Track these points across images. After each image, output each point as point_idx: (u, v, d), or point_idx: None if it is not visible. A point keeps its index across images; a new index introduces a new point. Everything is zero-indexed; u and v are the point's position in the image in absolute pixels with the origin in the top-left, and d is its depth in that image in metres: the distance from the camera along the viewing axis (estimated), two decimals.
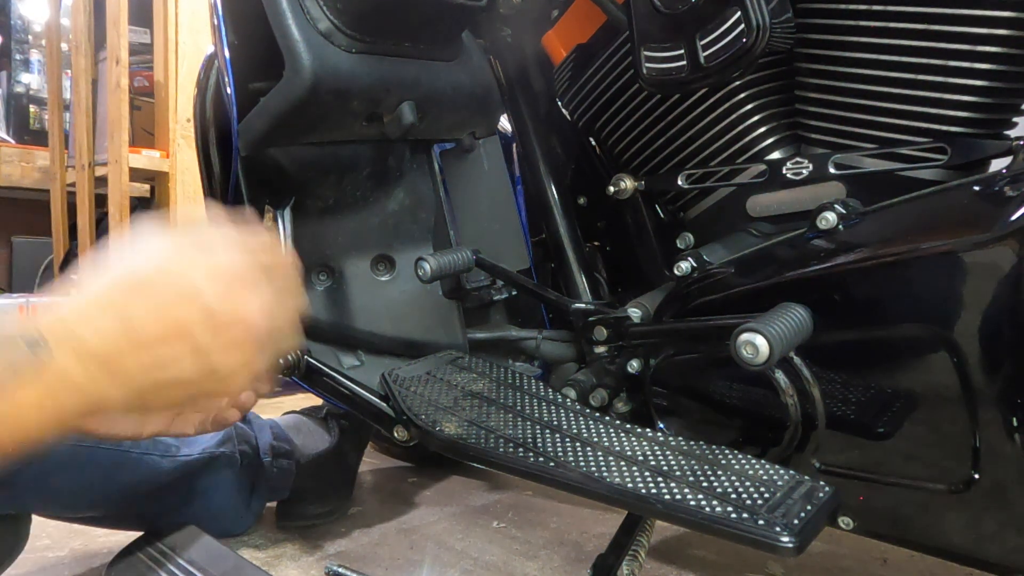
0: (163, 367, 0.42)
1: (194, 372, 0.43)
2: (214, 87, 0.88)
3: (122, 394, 0.42)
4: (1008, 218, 0.51)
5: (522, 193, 1.00)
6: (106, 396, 0.42)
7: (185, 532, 0.80)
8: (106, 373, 0.41)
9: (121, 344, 0.41)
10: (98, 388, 0.41)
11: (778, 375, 0.65)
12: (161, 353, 0.42)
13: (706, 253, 0.72)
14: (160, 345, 0.42)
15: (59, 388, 0.40)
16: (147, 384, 0.43)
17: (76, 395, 0.41)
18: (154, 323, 0.42)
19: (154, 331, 0.42)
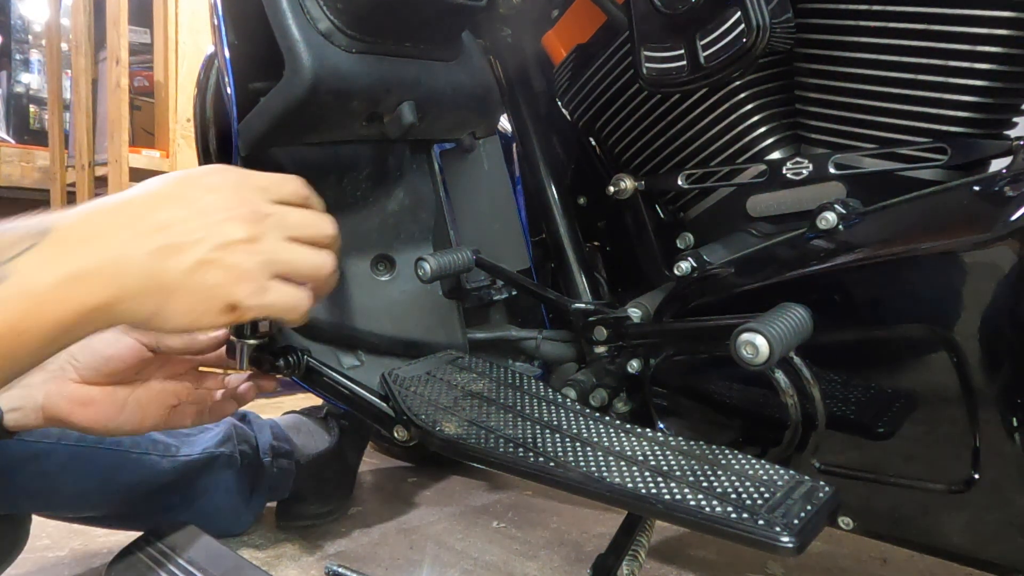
0: (165, 233, 0.45)
1: (191, 238, 0.46)
2: (214, 87, 0.89)
3: (140, 260, 0.44)
4: (1008, 218, 0.51)
5: (522, 193, 1.00)
6: (127, 263, 0.43)
7: (185, 532, 0.80)
8: (120, 242, 0.43)
9: (128, 221, 0.44)
10: (117, 256, 0.43)
11: (778, 375, 0.65)
12: (161, 221, 0.45)
13: (706, 253, 0.72)
14: (159, 215, 0.46)
15: (71, 258, 0.42)
16: (157, 247, 0.45)
17: (95, 263, 0.42)
18: (153, 204, 0.46)
19: (153, 209, 0.46)
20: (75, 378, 0.63)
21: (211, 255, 0.47)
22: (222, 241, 0.47)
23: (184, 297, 0.46)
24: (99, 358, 0.64)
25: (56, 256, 0.41)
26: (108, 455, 0.81)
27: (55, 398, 0.62)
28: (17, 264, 0.40)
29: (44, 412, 0.62)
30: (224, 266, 0.48)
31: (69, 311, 0.41)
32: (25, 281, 0.40)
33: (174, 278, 0.45)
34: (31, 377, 0.63)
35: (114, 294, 0.43)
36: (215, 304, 0.48)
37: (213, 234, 0.47)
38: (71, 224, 0.43)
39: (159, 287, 0.45)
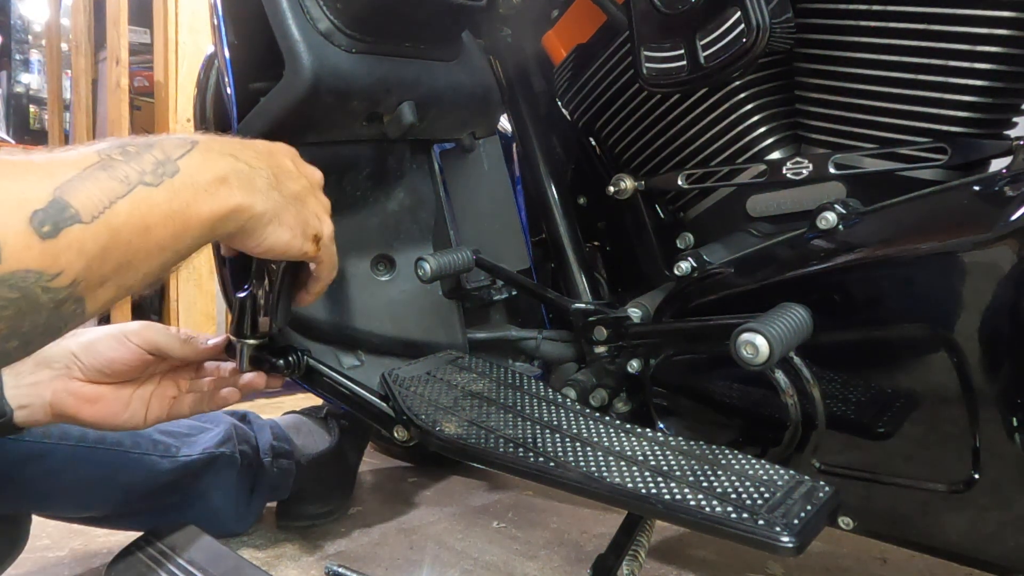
0: (277, 161, 0.57)
1: (295, 172, 0.58)
2: (214, 87, 0.88)
3: (260, 162, 0.53)
4: (1008, 218, 0.51)
5: (522, 193, 1.00)
6: (250, 165, 0.52)
7: (185, 532, 0.80)
8: (241, 147, 0.53)
9: (247, 145, 0.55)
10: (242, 158, 0.52)
11: (778, 375, 0.65)
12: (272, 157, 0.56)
13: (706, 253, 0.72)
14: (269, 154, 0.56)
15: (216, 158, 0.50)
16: (275, 167, 0.55)
17: (229, 163, 0.50)
18: (261, 147, 0.56)
19: (263, 149, 0.56)
20: (80, 377, 0.65)
21: (310, 192, 0.59)
22: (313, 181, 0.61)
23: (289, 217, 0.55)
24: (103, 360, 0.65)
25: (208, 160, 0.49)
26: (108, 455, 0.81)
27: (62, 395, 0.64)
28: (183, 162, 0.47)
29: (52, 409, 0.64)
30: (316, 201, 0.60)
31: (218, 206, 0.49)
32: (190, 175, 0.47)
33: (285, 198, 0.55)
34: (38, 375, 0.65)
35: (248, 199, 0.51)
36: (308, 231, 0.57)
37: (307, 174, 0.60)
38: (212, 139, 0.51)
39: (275, 202, 0.54)
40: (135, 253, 0.43)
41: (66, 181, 0.39)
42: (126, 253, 0.42)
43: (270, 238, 0.54)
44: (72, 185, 0.39)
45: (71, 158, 0.42)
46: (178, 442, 0.89)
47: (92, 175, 0.41)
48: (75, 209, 0.39)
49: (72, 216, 0.38)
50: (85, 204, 0.39)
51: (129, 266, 0.42)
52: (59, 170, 0.40)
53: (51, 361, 0.65)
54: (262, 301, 0.66)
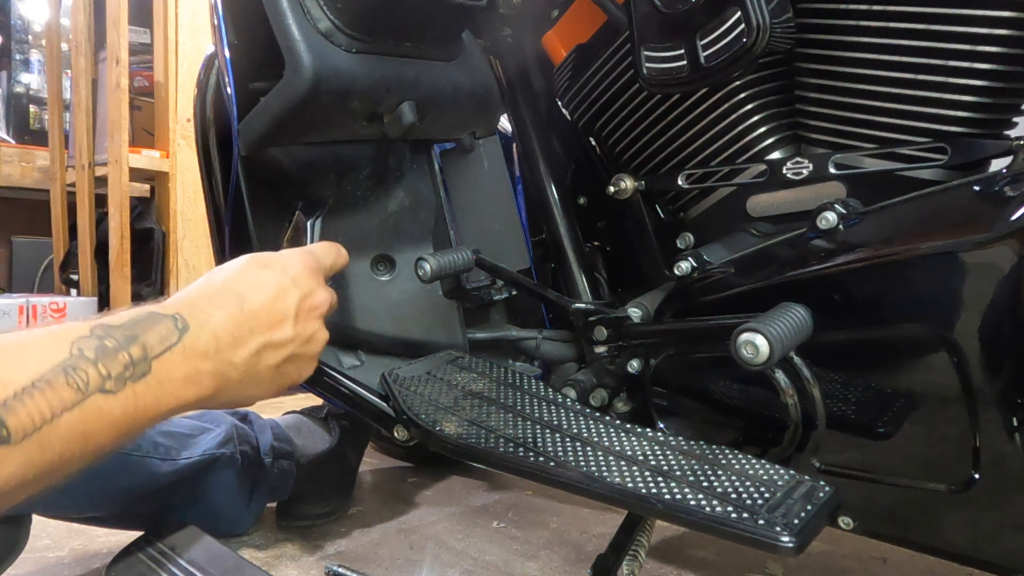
0: (270, 331, 0.55)
1: (290, 335, 0.56)
2: (214, 87, 0.88)
3: (242, 359, 0.52)
4: (1008, 218, 0.51)
5: (522, 193, 1.00)
6: (231, 363, 0.51)
7: (185, 532, 0.80)
8: (231, 343, 0.51)
9: (240, 319, 0.52)
10: (225, 357, 0.51)
11: (778, 375, 0.65)
12: (269, 322, 0.55)
13: (706, 253, 0.72)
14: (268, 317, 0.55)
15: (197, 359, 0.49)
16: (259, 347, 0.54)
17: (209, 365, 0.50)
18: (262, 301, 0.55)
19: (263, 306, 0.55)
20: None
21: (298, 350, 0.57)
22: (306, 336, 0.58)
23: (264, 386, 0.56)
24: None
25: (186, 359, 0.48)
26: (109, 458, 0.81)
27: None
28: (159, 362, 0.46)
29: None
30: (302, 357, 0.58)
31: (181, 402, 0.48)
32: (161, 377, 0.46)
33: (263, 373, 0.55)
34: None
35: (218, 389, 0.51)
36: (281, 388, 0.58)
37: (301, 331, 0.57)
38: (201, 325, 0.50)
39: (251, 380, 0.54)
40: (66, 461, 0.41)
41: (12, 395, 0.38)
42: (54, 463, 0.41)
43: (243, 403, 0.56)
44: (17, 400, 0.39)
45: (39, 351, 0.41)
46: (179, 444, 0.89)
47: (47, 383, 0.40)
48: (7, 430, 0.38)
49: (1, 438, 0.38)
50: (21, 423, 0.38)
51: (53, 472, 0.41)
52: (14, 376, 0.39)
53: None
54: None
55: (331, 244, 0.67)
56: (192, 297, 0.52)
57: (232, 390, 0.52)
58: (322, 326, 0.60)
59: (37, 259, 2.63)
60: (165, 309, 0.49)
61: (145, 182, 2.24)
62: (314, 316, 0.59)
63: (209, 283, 0.55)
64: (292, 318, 0.56)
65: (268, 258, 0.59)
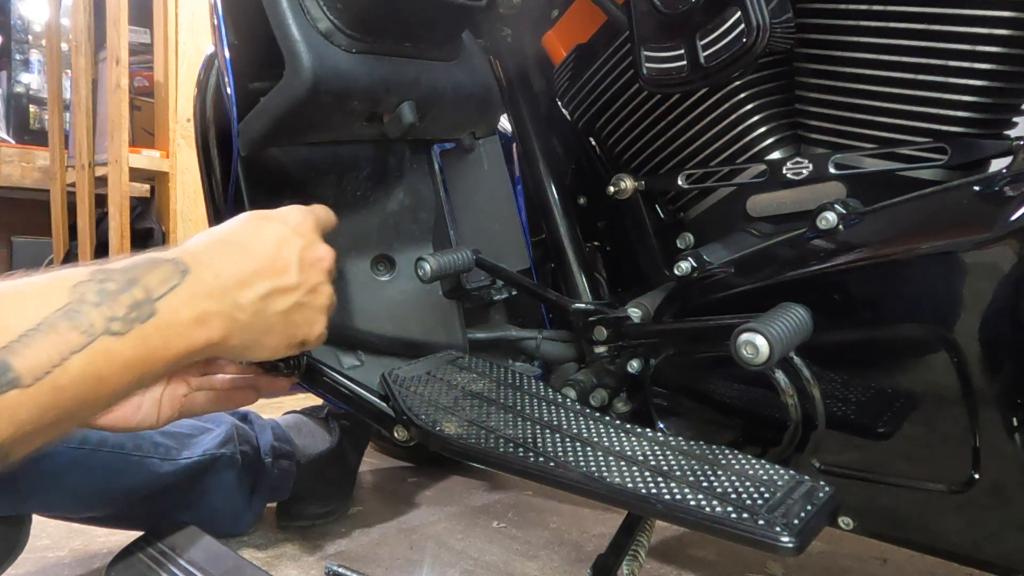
0: (275, 277, 0.54)
1: (295, 281, 0.55)
2: (214, 87, 0.88)
3: (249, 301, 0.51)
4: (1008, 218, 0.51)
5: (522, 193, 1.00)
6: (238, 304, 0.50)
7: (185, 532, 0.80)
8: (235, 285, 0.50)
9: (243, 264, 0.52)
10: (231, 298, 0.50)
11: (778, 375, 0.65)
12: (273, 268, 0.54)
13: (706, 253, 0.72)
14: (271, 263, 0.54)
15: (203, 299, 0.48)
16: (266, 291, 0.53)
17: (216, 305, 0.49)
18: (265, 250, 0.54)
19: (266, 254, 0.54)
20: None
21: (304, 299, 0.56)
22: (311, 285, 0.57)
23: (275, 334, 0.54)
24: None
25: (191, 299, 0.47)
26: (109, 458, 0.81)
27: None
28: (164, 302, 0.45)
29: None
30: (310, 307, 0.57)
31: (192, 344, 0.47)
32: (167, 318, 0.45)
33: (273, 319, 0.54)
34: None
35: (228, 332, 0.50)
36: (294, 340, 0.56)
37: (306, 279, 0.56)
38: (205, 266, 0.49)
39: (260, 325, 0.53)
40: (81, 404, 0.41)
41: (16, 339, 0.38)
42: (71, 406, 0.40)
43: (246, 357, 0.56)
44: (22, 343, 0.38)
45: (39, 297, 0.40)
46: (179, 444, 0.89)
47: (51, 327, 0.39)
48: (15, 373, 0.37)
49: (10, 381, 0.37)
50: (30, 366, 0.38)
51: (72, 416, 0.41)
52: (15, 321, 0.38)
53: None
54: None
55: (323, 207, 0.65)
56: (192, 245, 0.52)
57: (244, 334, 0.51)
58: (327, 281, 0.59)
59: (37, 259, 2.63)
60: (165, 254, 0.48)
61: (145, 182, 2.24)
62: (318, 268, 0.58)
63: (209, 234, 0.54)
64: (296, 265, 0.55)
65: (268, 212, 0.58)
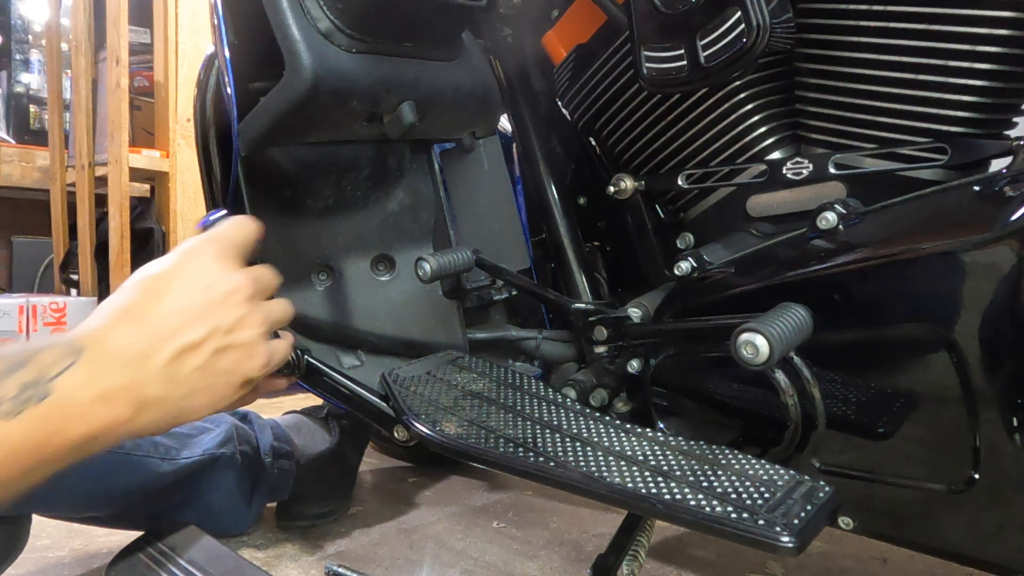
0: (176, 337, 0.49)
1: (204, 332, 0.50)
2: (214, 87, 0.88)
3: (158, 370, 0.48)
4: (1008, 218, 0.51)
5: (522, 193, 1.00)
6: (146, 378, 0.47)
7: (185, 532, 0.80)
8: (138, 355, 0.47)
9: (141, 331, 0.48)
10: (136, 371, 0.47)
11: (778, 375, 0.65)
12: (170, 328, 0.49)
13: (706, 253, 0.72)
14: (167, 324, 0.49)
15: (103, 376, 0.45)
16: (173, 354, 0.49)
17: (119, 380, 0.46)
18: (159, 311, 0.50)
19: (161, 316, 0.50)
20: None
21: (223, 342, 0.51)
22: (229, 324, 0.52)
23: (204, 392, 0.50)
24: None
25: (90, 377, 0.44)
26: (108, 457, 0.81)
27: None
28: (58, 382, 0.43)
29: None
30: (235, 347, 0.52)
31: (95, 426, 0.44)
32: (64, 398, 0.43)
33: (191, 378, 0.49)
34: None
35: (139, 407, 0.47)
36: (232, 386, 0.52)
37: (221, 319, 0.51)
38: (100, 342, 0.46)
39: (179, 391, 0.49)
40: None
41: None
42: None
43: (181, 423, 0.51)
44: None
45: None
46: (179, 444, 0.89)
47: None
48: None
49: None
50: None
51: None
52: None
53: None
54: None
55: (238, 219, 0.60)
56: (89, 323, 0.49)
57: (161, 407, 0.48)
58: (251, 310, 0.53)
59: (37, 259, 2.63)
60: (60, 337, 0.46)
61: (145, 182, 2.24)
62: (232, 303, 0.52)
63: (103, 309, 0.50)
64: (199, 314, 0.50)
65: (160, 267, 0.53)
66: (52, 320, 1.95)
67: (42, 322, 1.93)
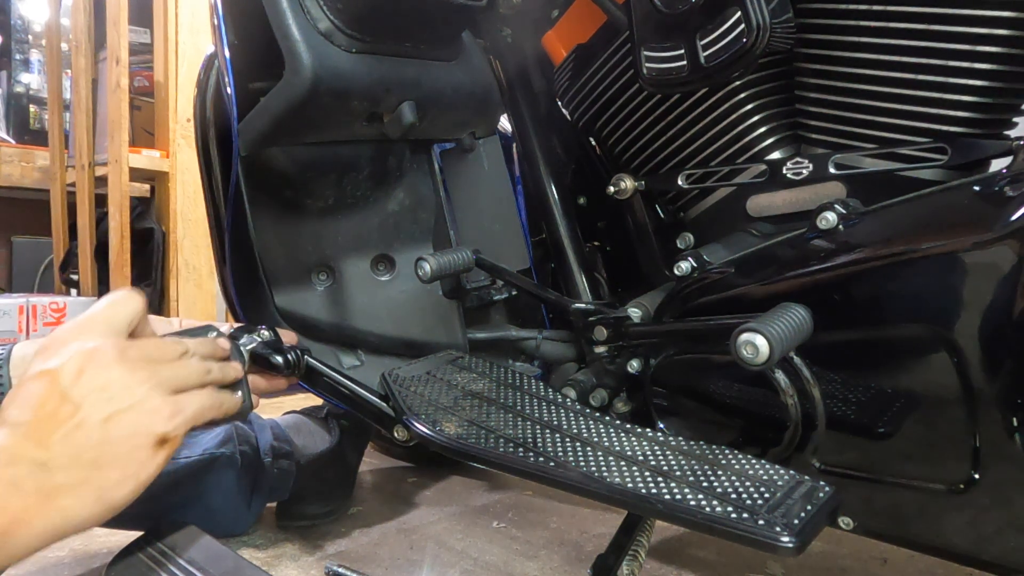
0: (64, 416, 0.47)
1: (83, 405, 0.48)
2: (214, 87, 0.88)
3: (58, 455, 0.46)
4: (1008, 218, 0.51)
5: (522, 193, 1.00)
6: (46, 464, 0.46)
7: (185, 532, 0.80)
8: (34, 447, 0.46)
9: (35, 426, 0.46)
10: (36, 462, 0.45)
11: (778, 375, 0.65)
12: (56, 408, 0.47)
13: (706, 253, 0.72)
14: (51, 404, 0.47)
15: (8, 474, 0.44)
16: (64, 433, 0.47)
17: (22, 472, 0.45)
18: (20, 408, 0.47)
19: (20, 413, 0.47)
20: None
21: (104, 411, 0.48)
22: (105, 394, 0.49)
23: (114, 465, 0.48)
24: None
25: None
26: None
27: None
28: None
29: None
30: (124, 411, 0.49)
31: (4, 519, 0.43)
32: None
33: (94, 453, 0.47)
34: None
35: (46, 493, 0.45)
36: (144, 449, 0.50)
37: (88, 391, 0.49)
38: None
39: (84, 469, 0.47)
40: None
41: None
42: None
43: (113, 504, 0.49)
44: None
45: None
46: None
47: None
48: None
49: None
50: None
51: None
52: None
53: None
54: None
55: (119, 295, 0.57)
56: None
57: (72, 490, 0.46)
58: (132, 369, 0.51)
59: (37, 259, 2.63)
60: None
61: (145, 182, 2.24)
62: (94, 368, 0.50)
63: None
64: (64, 391, 0.48)
65: (36, 366, 0.50)
66: (52, 320, 1.95)
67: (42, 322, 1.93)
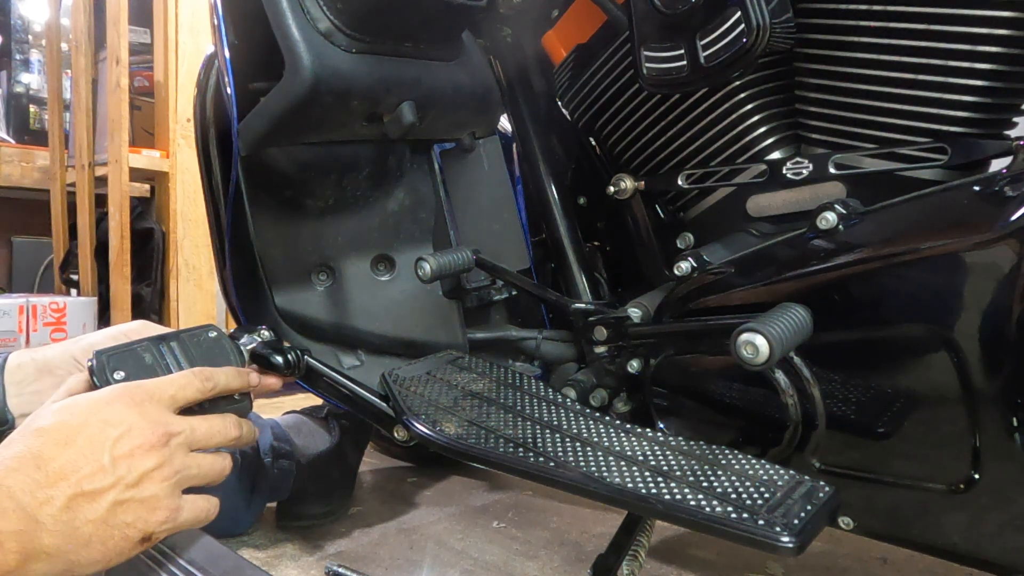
0: (79, 481, 0.47)
1: (107, 482, 0.48)
2: (214, 87, 0.88)
3: (52, 516, 0.46)
4: (1008, 218, 0.51)
5: (522, 193, 1.00)
6: (39, 522, 0.45)
7: (185, 532, 0.80)
8: (34, 502, 0.45)
9: (39, 475, 0.46)
10: (29, 516, 0.45)
11: (778, 375, 0.65)
12: (73, 470, 0.47)
13: (706, 253, 0.72)
14: (71, 464, 0.48)
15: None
16: (68, 499, 0.47)
17: (10, 525, 0.44)
18: (62, 451, 0.48)
19: (65, 457, 0.48)
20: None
21: (124, 495, 0.49)
22: (134, 478, 0.49)
23: (99, 544, 0.48)
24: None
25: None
26: None
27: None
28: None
29: None
30: (138, 501, 0.50)
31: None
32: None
33: (88, 528, 0.47)
34: (41, 382, 0.64)
35: (25, 556, 0.44)
36: (130, 541, 0.49)
37: (124, 472, 0.49)
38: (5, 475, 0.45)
39: (74, 540, 0.47)
40: None
41: None
42: None
43: (81, 572, 0.48)
44: None
45: None
46: None
47: None
48: None
49: None
50: None
51: None
52: None
53: (53, 368, 0.64)
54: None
55: (194, 372, 0.58)
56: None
57: (50, 558, 0.46)
58: (166, 461, 0.51)
59: (37, 259, 2.63)
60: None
61: (145, 182, 2.24)
62: (141, 454, 0.50)
63: (6, 446, 0.49)
64: (104, 463, 0.48)
65: (73, 403, 0.51)
66: (52, 320, 1.95)
67: (42, 322, 1.93)
